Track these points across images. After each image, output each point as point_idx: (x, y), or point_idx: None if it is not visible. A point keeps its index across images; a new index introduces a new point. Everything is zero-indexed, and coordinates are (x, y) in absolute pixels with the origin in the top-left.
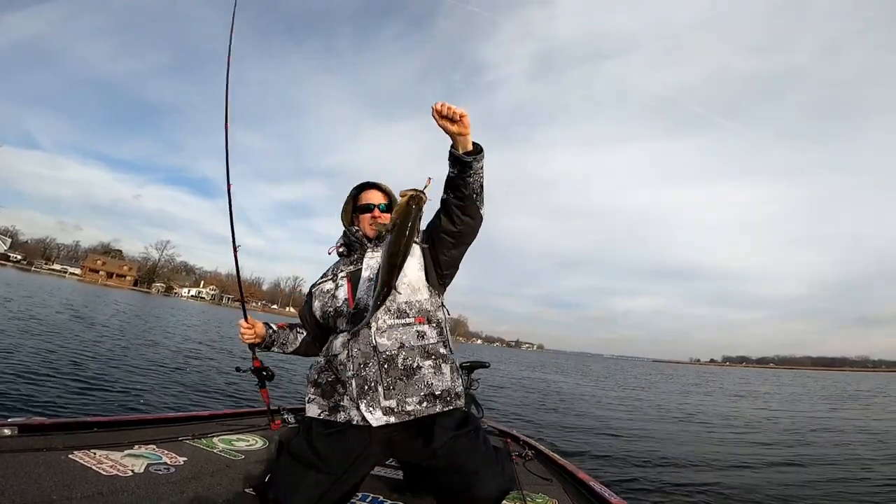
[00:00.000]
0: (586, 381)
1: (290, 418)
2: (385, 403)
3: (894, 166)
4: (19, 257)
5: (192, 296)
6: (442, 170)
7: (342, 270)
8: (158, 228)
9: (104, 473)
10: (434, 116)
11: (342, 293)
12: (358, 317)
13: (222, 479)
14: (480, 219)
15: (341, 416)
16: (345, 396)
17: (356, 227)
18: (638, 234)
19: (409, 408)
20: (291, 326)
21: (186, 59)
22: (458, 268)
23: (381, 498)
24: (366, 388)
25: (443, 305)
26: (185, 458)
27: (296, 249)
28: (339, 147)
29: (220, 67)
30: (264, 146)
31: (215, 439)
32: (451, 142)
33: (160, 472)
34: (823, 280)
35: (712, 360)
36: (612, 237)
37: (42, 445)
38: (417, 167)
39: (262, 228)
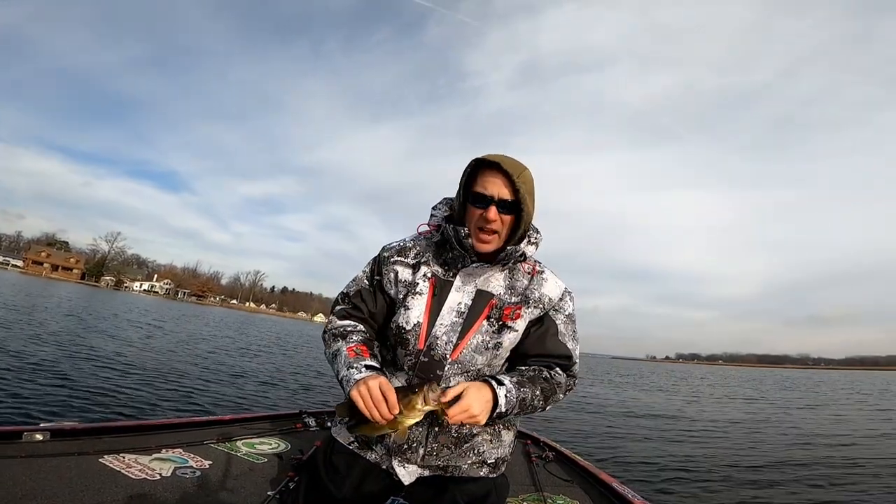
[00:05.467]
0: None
1: (312, 422)
2: (421, 462)
3: (837, 179)
4: None
5: (144, 290)
6: (421, 172)
7: (429, 265)
8: (113, 220)
9: (133, 477)
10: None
11: (417, 308)
12: (426, 367)
13: (246, 482)
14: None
15: (371, 456)
16: (379, 442)
17: (464, 230)
18: (604, 237)
19: (450, 464)
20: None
21: (159, 52)
22: None
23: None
24: (404, 446)
25: None
26: (211, 462)
27: (262, 245)
28: (317, 145)
29: (192, 62)
30: (238, 142)
31: (239, 442)
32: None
33: (186, 476)
34: (770, 283)
35: (667, 357)
36: (578, 239)
37: (73, 450)
38: (398, 168)
39: (229, 223)
